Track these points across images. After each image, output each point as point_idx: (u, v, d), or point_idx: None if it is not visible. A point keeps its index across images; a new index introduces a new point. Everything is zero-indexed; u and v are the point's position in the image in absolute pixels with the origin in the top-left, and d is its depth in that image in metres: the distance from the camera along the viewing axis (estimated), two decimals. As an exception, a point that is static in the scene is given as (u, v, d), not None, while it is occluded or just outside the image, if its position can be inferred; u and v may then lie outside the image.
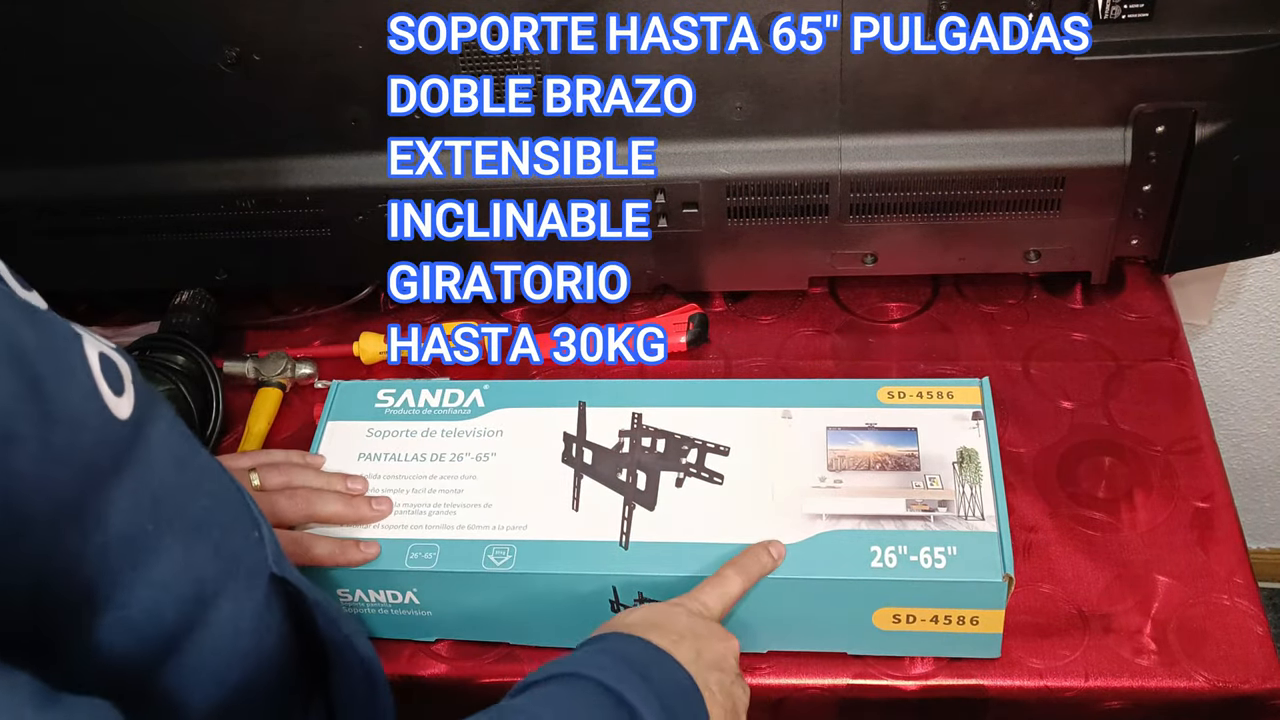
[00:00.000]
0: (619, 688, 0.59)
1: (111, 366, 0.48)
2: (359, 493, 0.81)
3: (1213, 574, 0.81)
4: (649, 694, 0.59)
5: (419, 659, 0.82)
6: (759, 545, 0.74)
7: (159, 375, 0.95)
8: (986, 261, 0.96)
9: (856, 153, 0.90)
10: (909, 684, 0.77)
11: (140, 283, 1.05)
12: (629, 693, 0.59)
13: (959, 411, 0.81)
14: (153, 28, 0.87)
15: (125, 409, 0.47)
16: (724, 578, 0.72)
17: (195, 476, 0.55)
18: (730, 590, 0.72)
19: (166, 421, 0.52)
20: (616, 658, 0.62)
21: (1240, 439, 1.43)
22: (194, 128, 0.93)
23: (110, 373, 0.47)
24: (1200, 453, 0.88)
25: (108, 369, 0.47)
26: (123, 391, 0.48)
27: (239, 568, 0.56)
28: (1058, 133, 0.88)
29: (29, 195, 0.98)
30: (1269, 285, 1.23)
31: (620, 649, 0.64)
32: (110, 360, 0.48)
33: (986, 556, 0.73)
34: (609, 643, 0.65)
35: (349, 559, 0.77)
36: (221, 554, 0.55)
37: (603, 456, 0.82)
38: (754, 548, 0.74)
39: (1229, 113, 0.85)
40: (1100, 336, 0.98)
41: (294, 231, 0.98)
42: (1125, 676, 0.76)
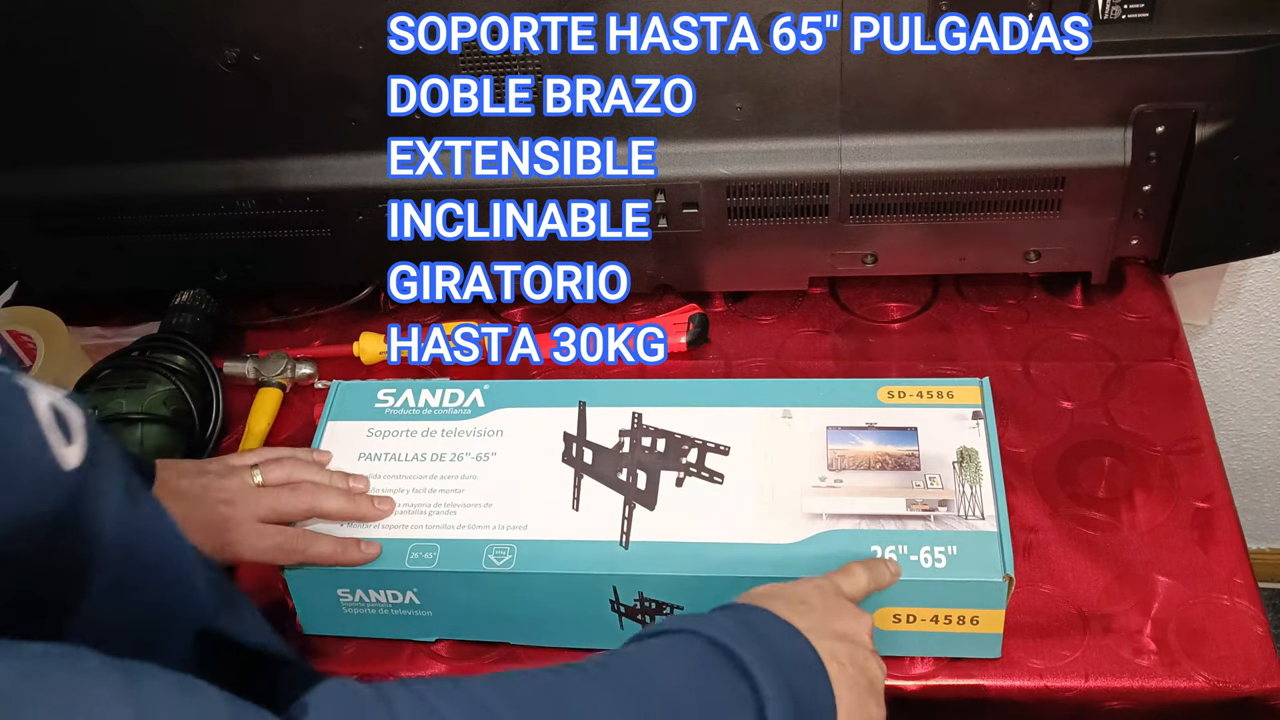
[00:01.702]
0: (731, 643, 0.57)
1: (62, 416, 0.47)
2: (361, 491, 0.81)
3: (1213, 574, 0.81)
4: (762, 651, 0.58)
5: (419, 659, 0.82)
6: (881, 559, 0.73)
7: (159, 375, 0.95)
8: (986, 261, 0.97)
9: (856, 153, 0.90)
10: (909, 684, 0.77)
11: (140, 283, 1.05)
12: (740, 648, 0.57)
13: (959, 411, 0.81)
14: (153, 28, 0.87)
15: (74, 457, 0.47)
16: (852, 570, 0.70)
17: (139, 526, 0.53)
18: (859, 581, 0.70)
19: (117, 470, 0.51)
20: (735, 620, 0.61)
21: (1240, 439, 1.43)
22: (194, 128, 0.93)
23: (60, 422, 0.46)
24: (1200, 453, 0.88)
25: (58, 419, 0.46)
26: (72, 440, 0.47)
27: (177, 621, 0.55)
28: (1058, 133, 0.88)
29: (29, 195, 0.98)
30: (1269, 285, 1.23)
31: (739, 614, 0.62)
32: (60, 410, 0.47)
33: (986, 556, 0.73)
34: (731, 609, 0.63)
35: (349, 558, 0.77)
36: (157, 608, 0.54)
37: (603, 456, 0.82)
38: (877, 559, 0.73)
39: (1229, 113, 0.85)
40: (1100, 336, 0.98)
41: (294, 231, 0.98)
42: (1125, 676, 0.76)
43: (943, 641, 0.76)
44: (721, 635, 0.58)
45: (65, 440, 0.46)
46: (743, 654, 0.57)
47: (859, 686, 0.62)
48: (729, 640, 0.58)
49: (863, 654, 0.64)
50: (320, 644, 0.82)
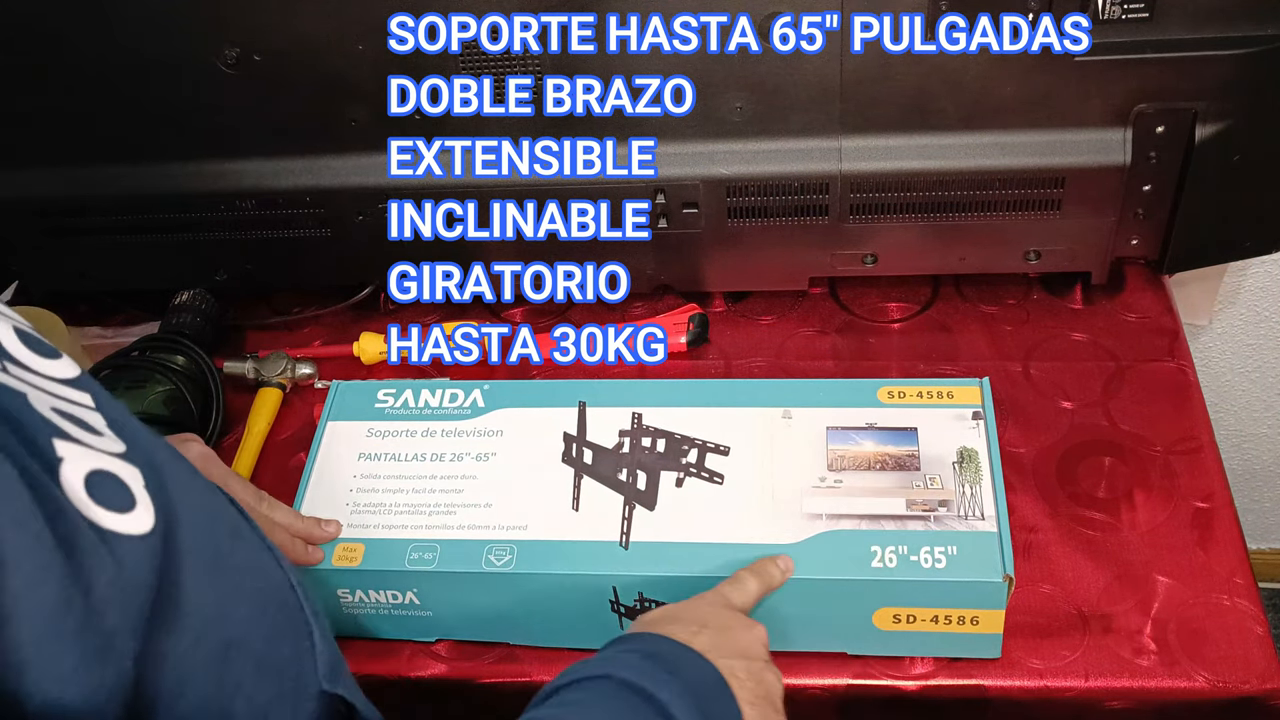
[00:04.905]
0: (646, 684, 0.58)
1: (109, 482, 0.42)
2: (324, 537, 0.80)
3: (1213, 574, 0.81)
4: (676, 686, 0.58)
5: (419, 659, 0.82)
6: (768, 559, 0.73)
7: (159, 375, 0.95)
8: (986, 261, 0.96)
9: (856, 153, 0.90)
10: (909, 684, 0.77)
11: (140, 283, 1.05)
12: (657, 688, 0.58)
13: (959, 411, 0.81)
14: (153, 28, 0.87)
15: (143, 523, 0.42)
16: (741, 578, 0.72)
17: (234, 579, 0.48)
18: (749, 589, 0.71)
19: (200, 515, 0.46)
20: (641, 655, 0.61)
21: (1240, 439, 1.43)
22: (194, 128, 0.93)
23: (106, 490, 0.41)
24: (1200, 453, 0.88)
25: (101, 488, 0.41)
26: (133, 505, 0.42)
27: (285, 684, 0.50)
28: (1058, 133, 0.88)
29: (29, 195, 0.98)
30: (1269, 285, 1.23)
31: (643, 646, 0.63)
32: (107, 475, 0.42)
33: (986, 556, 0.73)
34: (631, 642, 0.64)
35: (296, 556, 0.77)
36: (265, 670, 0.48)
37: (603, 456, 0.82)
38: (764, 560, 0.73)
39: (1229, 113, 0.85)
40: (1100, 336, 0.98)
41: (294, 231, 0.98)
42: (1125, 676, 0.76)
43: (943, 641, 0.76)
44: (635, 676, 0.58)
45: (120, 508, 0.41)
46: (659, 693, 0.57)
47: (760, 700, 0.63)
48: (643, 681, 0.58)
49: (759, 667, 0.65)
50: (320, 644, 0.82)
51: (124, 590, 0.40)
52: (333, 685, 0.53)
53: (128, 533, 0.41)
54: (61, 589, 0.37)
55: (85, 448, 0.42)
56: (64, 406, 0.43)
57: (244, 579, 0.50)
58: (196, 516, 0.46)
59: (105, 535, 0.40)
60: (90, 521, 0.40)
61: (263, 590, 0.51)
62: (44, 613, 0.37)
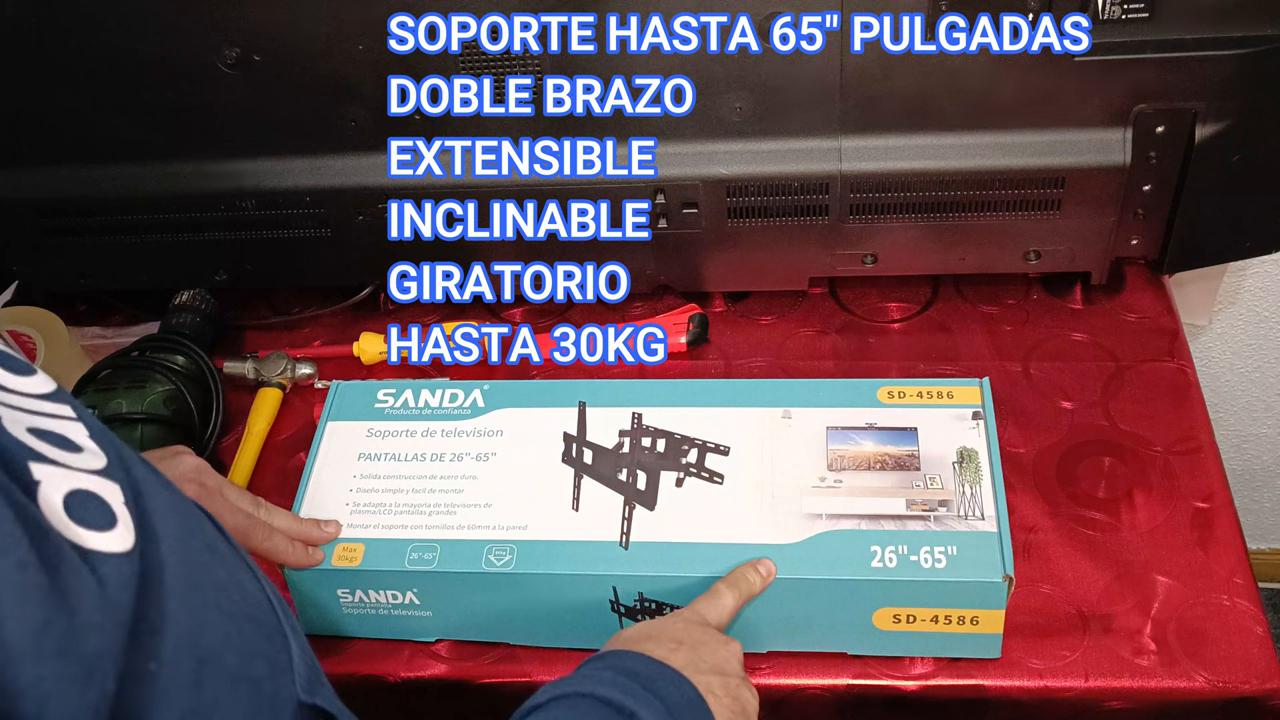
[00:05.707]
0: (623, 700, 0.58)
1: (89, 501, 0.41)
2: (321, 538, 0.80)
3: (1213, 574, 0.81)
4: (655, 703, 0.59)
5: (419, 659, 0.82)
6: (747, 564, 0.74)
7: (159, 375, 0.95)
8: (986, 261, 0.96)
9: (856, 153, 0.90)
10: (909, 684, 0.77)
11: (140, 283, 1.05)
12: (636, 705, 0.58)
13: (959, 411, 0.81)
14: (153, 28, 0.87)
15: (124, 541, 0.42)
16: (717, 592, 0.72)
17: (211, 596, 0.48)
18: (724, 603, 0.71)
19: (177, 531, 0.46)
20: (616, 671, 0.62)
21: (1240, 439, 1.43)
22: (194, 128, 0.93)
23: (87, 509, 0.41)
24: (1200, 453, 0.88)
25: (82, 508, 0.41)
26: (114, 523, 0.42)
27: (262, 698, 0.49)
28: (1058, 133, 0.88)
29: (29, 195, 0.98)
30: (1269, 285, 1.23)
31: (621, 664, 0.63)
32: (88, 495, 0.41)
33: (986, 556, 0.73)
34: (608, 660, 0.64)
35: (296, 559, 0.77)
36: (242, 685, 0.48)
37: (603, 456, 0.82)
38: (742, 567, 0.74)
39: (1229, 113, 0.85)
40: (1100, 337, 0.98)
41: (294, 231, 0.98)
42: (1125, 676, 0.76)
43: (943, 641, 0.76)
44: (614, 693, 0.59)
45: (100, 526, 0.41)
46: (638, 709, 0.58)
47: (737, 716, 0.64)
48: (623, 698, 0.58)
49: (735, 683, 0.65)
50: (320, 644, 0.82)
51: (105, 610, 0.40)
52: (310, 696, 0.52)
53: (109, 551, 0.41)
54: (43, 611, 0.37)
55: (63, 468, 0.41)
56: (42, 424, 0.43)
57: (221, 595, 0.49)
58: (174, 532, 0.46)
59: (87, 555, 0.40)
60: (72, 542, 0.40)
61: (240, 605, 0.50)
62: (26, 634, 0.36)
